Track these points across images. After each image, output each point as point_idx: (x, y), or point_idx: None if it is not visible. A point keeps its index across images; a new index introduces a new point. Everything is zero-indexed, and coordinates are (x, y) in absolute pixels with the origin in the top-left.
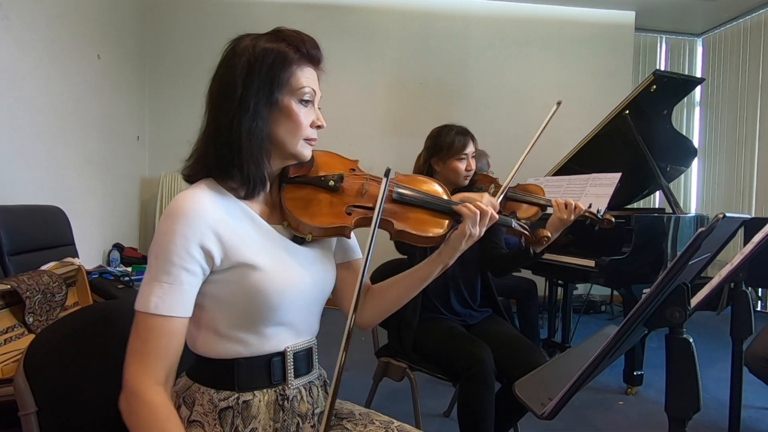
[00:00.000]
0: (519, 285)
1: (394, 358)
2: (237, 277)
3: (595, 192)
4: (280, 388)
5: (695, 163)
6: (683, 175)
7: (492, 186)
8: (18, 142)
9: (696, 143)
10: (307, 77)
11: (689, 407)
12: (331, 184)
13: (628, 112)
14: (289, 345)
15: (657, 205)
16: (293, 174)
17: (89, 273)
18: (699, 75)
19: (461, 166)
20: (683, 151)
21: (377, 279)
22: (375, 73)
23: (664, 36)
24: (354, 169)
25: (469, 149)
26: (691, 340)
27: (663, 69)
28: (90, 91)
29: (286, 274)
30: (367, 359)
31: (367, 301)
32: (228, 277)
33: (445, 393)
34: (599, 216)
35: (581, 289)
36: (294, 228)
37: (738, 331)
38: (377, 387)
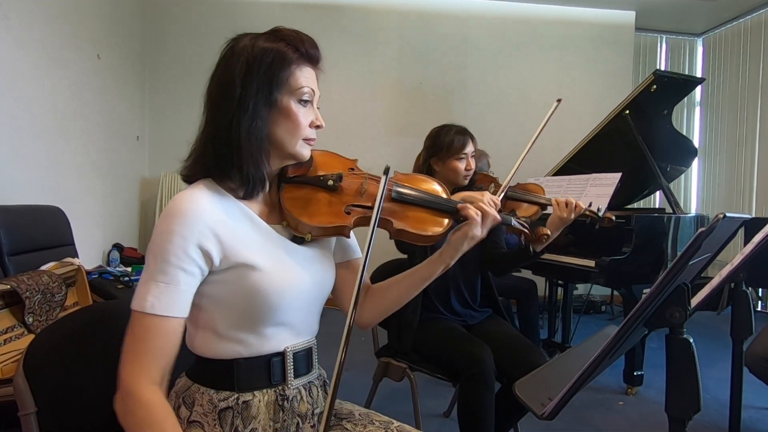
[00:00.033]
0: (519, 285)
1: (394, 358)
2: (236, 278)
3: (596, 192)
4: (279, 388)
5: (695, 163)
6: (683, 175)
7: (492, 185)
8: (18, 142)
9: (696, 143)
10: (306, 77)
11: (689, 407)
12: (330, 183)
13: (628, 112)
14: (289, 345)
15: (657, 205)
16: (292, 174)
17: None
18: (699, 75)
19: (461, 165)
20: (683, 151)
21: (377, 279)
22: (375, 73)
23: (664, 36)
24: (353, 169)
25: (469, 149)
26: (692, 340)
27: (663, 69)
28: (90, 91)
29: (285, 274)
30: (367, 359)
31: (367, 301)
32: (227, 278)
33: (445, 393)
34: (599, 215)
35: (581, 289)
36: (293, 228)
37: (738, 332)
38: (377, 387)
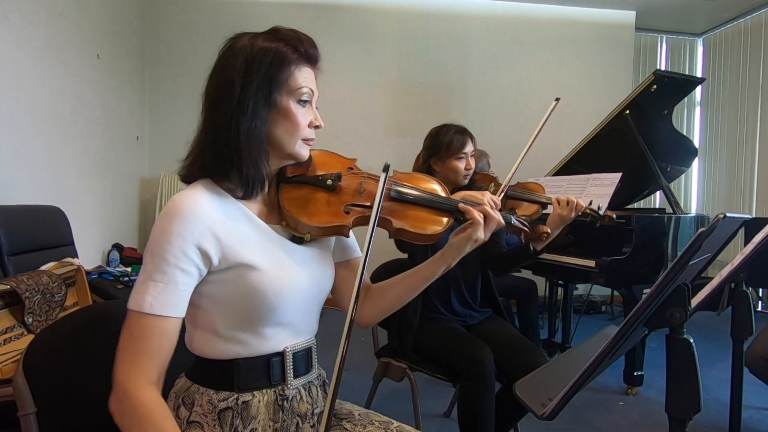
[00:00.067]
0: (519, 285)
1: (394, 358)
2: (235, 278)
3: (596, 192)
4: (279, 388)
5: (696, 163)
6: (684, 175)
7: (492, 185)
8: (17, 141)
9: (696, 143)
10: (305, 77)
11: (690, 408)
12: (329, 183)
13: (628, 112)
14: (288, 345)
15: (657, 205)
16: (291, 174)
17: (89, 273)
18: (699, 75)
19: (460, 165)
20: (684, 151)
21: (377, 279)
22: (375, 73)
23: (664, 36)
24: (352, 168)
25: (468, 148)
26: (692, 340)
27: (663, 69)
28: (90, 91)
29: (284, 273)
30: (367, 360)
31: (368, 300)
32: (226, 278)
33: (445, 393)
34: (600, 213)
35: (581, 290)
36: (292, 228)
37: (738, 332)
38: (377, 387)
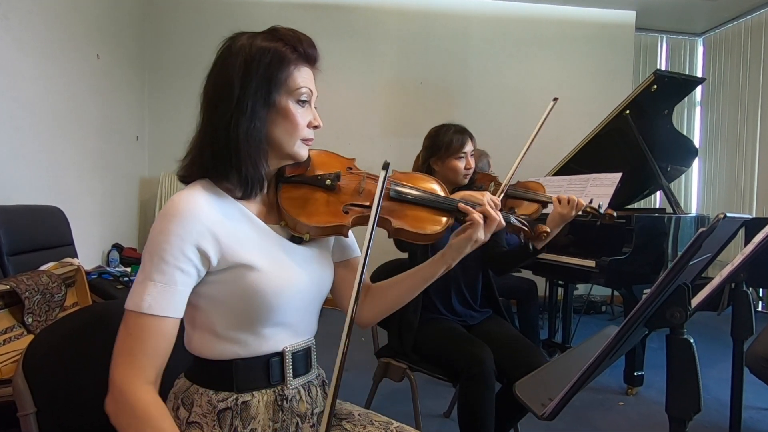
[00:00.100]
0: (519, 285)
1: (394, 358)
2: (234, 278)
3: (596, 192)
4: (278, 388)
5: (696, 163)
6: (684, 175)
7: (492, 184)
8: (17, 142)
9: (697, 143)
10: (304, 77)
11: (690, 408)
12: (328, 183)
13: (628, 111)
14: (288, 345)
15: (657, 206)
16: (290, 173)
17: (88, 273)
18: (700, 75)
19: (460, 164)
20: (684, 151)
21: (377, 279)
22: (375, 73)
23: (664, 36)
24: (351, 168)
25: (468, 148)
26: (692, 340)
27: (664, 69)
28: (89, 91)
29: (283, 274)
30: (367, 360)
31: (368, 300)
32: (225, 278)
33: (445, 393)
34: (600, 211)
35: (582, 290)
36: (291, 228)
37: (739, 332)
38: (377, 387)
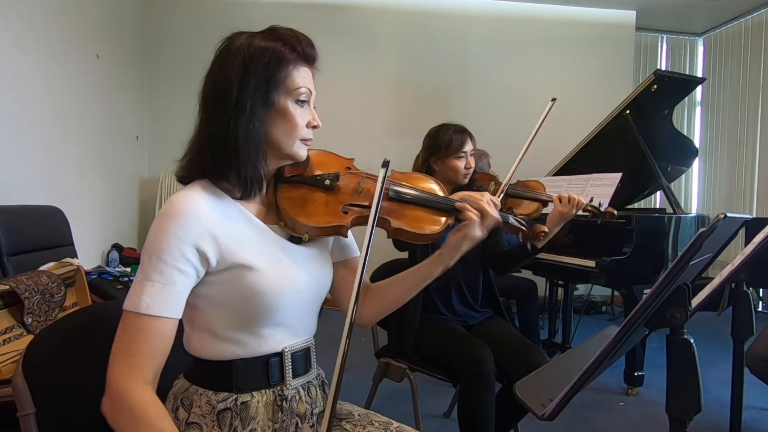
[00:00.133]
0: (519, 285)
1: (394, 358)
2: (233, 278)
3: (596, 192)
4: (278, 388)
5: (696, 163)
6: (684, 175)
7: (492, 183)
8: (17, 141)
9: (697, 143)
10: (303, 77)
11: (690, 408)
12: (327, 183)
13: (628, 111)
14: (287, 345)
15: (658, 206)
16: (289, 173)
17: (88, 273)
18: (700, 75)
19: (460, 164)
20: (684, 151)
21: (377, 279)
22: (375, 73)
23: (664, 36)
24: (349, 168)
25: (468, 147)
26: (692, 340)
27: (664, 69)
28: (89, 91)
29: (283, 274)
30: (367, 360)
31: (367, 300)
32: (224, 278)
33: (446, 394)
34: (601, 209)
35: (582, 290)
36: (290, 228)
37: (739, 332)
38: (377, 388)
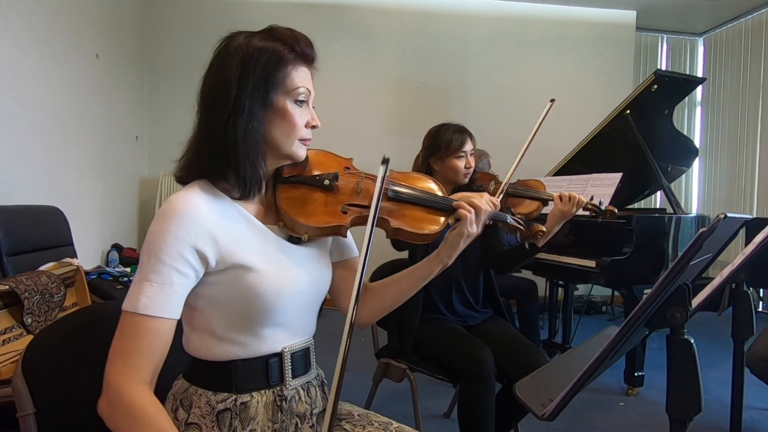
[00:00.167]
0: (519, 285)
1: (394, 359)
2: (232, 279)
3: (596, 192)
4: (278, 388)
5: (696, 163)
6: (684, 175)
7: (492, 183)
8: (17, 141)
9: (697, 143)
10: (302, 77)
11: (690, 408)
12: (326, 183)
13: (629, 111)
14: (287, 345)
15: (658, 206)
16: (288, 174)
17: (88, 273)
18: (700, 75)
19: (460, 164)
20: (684, 151)
21: (377, 279)
22: (375, 73)
23: (665, 35)
24: (348, 168)
25: (468, 147)
26: (692, 340)
27: (664, 69)
28: (89, 91)
29: (282, 274)
30: (367, 360)
31: (366, 299)
32: (223, 279)
33: (446, 394)
34: (601, 208)
35: (582, 290)
36: (290, 228)
37: (739, 332)
38: (377, 388)
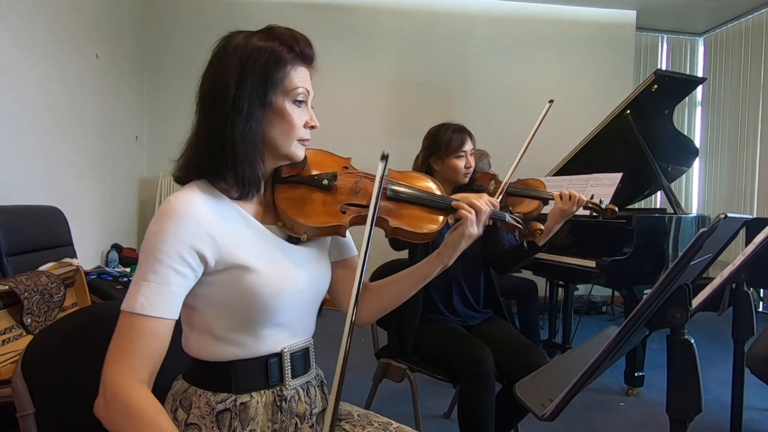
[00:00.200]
0: (519, 286)
1: (394, 359)
2: (231, 279)
3: (596, 192)
4: (277, 389)
5: (696, 163)
6: (684, 175)
7: (492, 182)
8: (16, 141)
9: (697, 143)
10: (301, 77)
11: (690, 408)
12: (325, 183)
13: (629, 111)
14: (286, 345)
15: (658, 206)
16: (286, 174)
17: (87, 273)
18: (700, 74)
19: (460, 163)
20: (684, 151)
21: (377, 279)
22: (375, 73)
23: (665, 35)
24: (347, 167)
25: (467, 146)
26: (693, 341)
27: (664, 68)
28: (89, 91)
29: (281, 274)
30: (367, 360)
31: (365, 298)
32: (222, 279)
33: (446, 394)
34: (602, 206)
35: (582, 290)
36: (289, 228)
37: (739, 332)
38: (377, 388)
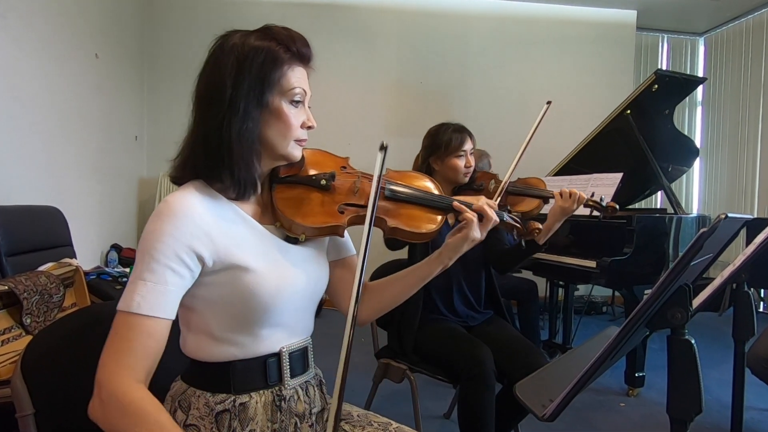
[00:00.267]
0: (520, 286)
1: (394, 359)
2: (229, 279)
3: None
4: (276, 388)
5: (697, 163)
6: (685, 175)
7: (492, 182)
8: (16, 141)
9: (698, 143)
10: (298, 77)
11: (691, 409)
12: (323, 183)
13: (629, 111)
14: (285, 345)
15: (659, 206)
16: (284, 174)
17: (87, 274)
18: (701, 74)
19: (460, 163)
20: (685, 151)
21: (376, 279)
22: (375, 73)
23: (665, 35)
24: (345, 167)
25: (467, 146)
26: (693, 341)
27: (665, 68)
28: (88, 91)
29: (279, 274)
30: (367, 361)
31: (365, 298)
32: (220, 279)
33: (446, 394)
34: (603, 204)
35: (582, 290)
36: (287, 228)
37: (740, 333)
38: (377, 388)
